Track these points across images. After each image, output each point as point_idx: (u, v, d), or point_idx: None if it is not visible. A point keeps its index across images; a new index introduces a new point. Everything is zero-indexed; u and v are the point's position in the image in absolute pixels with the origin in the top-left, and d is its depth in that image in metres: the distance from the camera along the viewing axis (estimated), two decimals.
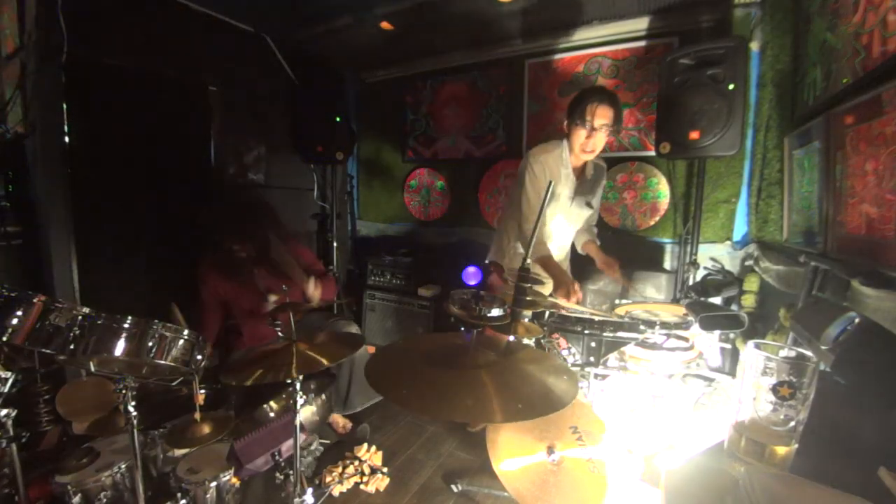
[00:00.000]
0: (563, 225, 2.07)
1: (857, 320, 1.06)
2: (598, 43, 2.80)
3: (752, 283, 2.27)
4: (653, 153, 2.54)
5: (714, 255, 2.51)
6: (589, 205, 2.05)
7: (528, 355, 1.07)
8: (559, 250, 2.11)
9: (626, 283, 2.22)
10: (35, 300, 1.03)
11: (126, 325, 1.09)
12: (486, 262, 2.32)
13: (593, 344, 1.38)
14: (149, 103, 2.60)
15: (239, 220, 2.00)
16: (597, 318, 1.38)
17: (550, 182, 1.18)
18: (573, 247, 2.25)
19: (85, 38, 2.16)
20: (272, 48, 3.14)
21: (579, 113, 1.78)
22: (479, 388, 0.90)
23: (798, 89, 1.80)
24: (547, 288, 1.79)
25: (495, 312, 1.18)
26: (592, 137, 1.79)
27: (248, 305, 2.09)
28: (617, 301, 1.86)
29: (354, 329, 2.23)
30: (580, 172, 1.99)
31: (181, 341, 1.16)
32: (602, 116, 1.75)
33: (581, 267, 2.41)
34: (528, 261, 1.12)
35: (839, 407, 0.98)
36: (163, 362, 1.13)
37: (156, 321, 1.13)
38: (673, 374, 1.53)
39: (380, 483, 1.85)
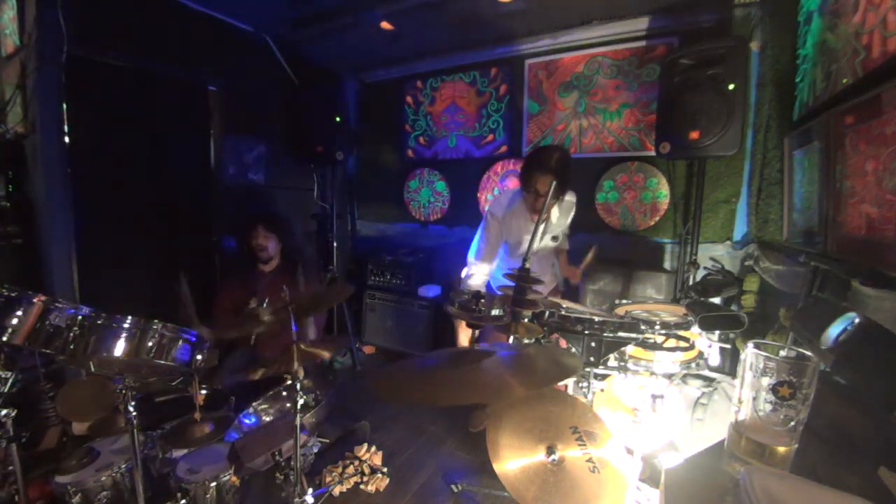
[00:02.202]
0: (533, 260, 2.14)
1: (857, 320, 1.06)
2: (598, 43, 2.80)
3: (752, 283, 2.27)
4: (653, 153, 2.54)
5: (714, 255, 2.51)
6: (554, 238, 2.21)
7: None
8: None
9: (589, 267, 2.28)
10: (35, 300, 1.03)
11: (126, 325, 1.09)
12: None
13: (593, 344, 1.37)
14: (149, 103, 2.61)
15: (266, 215, 2.44)
16: (597, 318, 1.38)
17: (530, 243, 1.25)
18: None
19: (85, 38, 2.17)
20: (272, 48, 3.15)
21: (527, 183, 1.94)
22: (493, 371, 0.94)
23: (798, 89, 1.80)
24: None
25: (495, 312, 1.18)
26: (539, 201, 1.94)
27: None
28: (617, 301, 1.85)
29: None
30: (544, 217, 2.08)
31: (181, 341, 1.16)
32: (544, 185, 1.88)
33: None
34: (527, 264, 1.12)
35: (839, 407, 0.98)
36: (163, 362, 1.13)
37: (156, 321, 1.13)
38: (673, 375, 1.53)
39: (380, 483, 1.85)
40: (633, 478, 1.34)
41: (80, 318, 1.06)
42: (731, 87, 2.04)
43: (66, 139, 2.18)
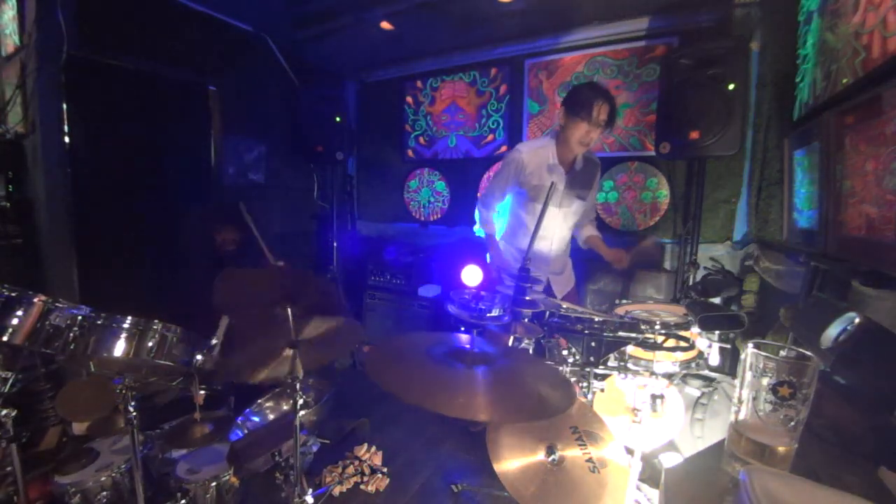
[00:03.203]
0: (556, 217, 2.06)
1: (857, 320, 1.06)
2: (598, 43, 2.80)
3: (752, 283, 2.27)
4: (653, 153, 2.54)
5: (714, 255, 2.51)
6: (580, 197, 2.07)
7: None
8: (555, 243, 2.12)
9: (647, 245, 2.22)
10: (35, 300, 1.03)
11: (126, 325, 1.09)
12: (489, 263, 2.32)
13: (593, 344, 1.37)
14: (149, 103, 2.61)
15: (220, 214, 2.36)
16: (597, 318, 1.38)
17: (553, 184, 1.19)
18: (574, 243, 2.26)
19: (85, 38, 2.16)
20: (272, 48, 3.15)
21: (586, 108, 1.83)
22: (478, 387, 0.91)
23: (798, 89, 1.80)
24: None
25: (495, 312, 1.18)
26: (592, 132, 1.86)
27: None
28: (617, 301, 1.85)
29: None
30: (569, 165, 2.03)
31: (181, 341, 1.16)
32: (604, 113, 1.84)
33: (582, 266, 2.41)
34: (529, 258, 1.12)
35: (839, 407, 0.98)
36: (163, 362, 1.13)
37: (156, 321, 1.13)
38: (673, 375, 1.53)
39: (380, 483, 1.85)
40: (633, 478, 1.34)
41: (80, 318, 1.06)
42: (731, 87, 2.04)
43: (66, 139, 2.18)
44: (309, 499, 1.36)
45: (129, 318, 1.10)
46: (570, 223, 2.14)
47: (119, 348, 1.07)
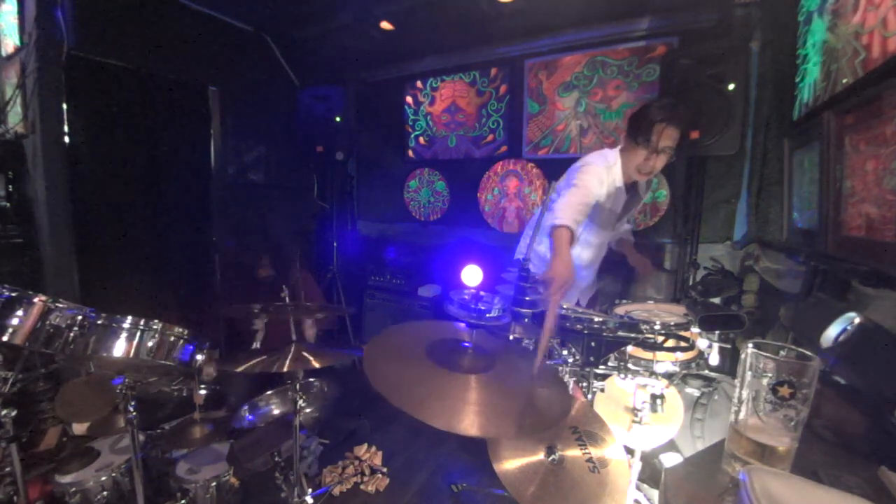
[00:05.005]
0: (604, 237, 1.95)
1: (857, 320, 1.06)
2: (598, 43, 2.80)
3: (752, 283, 2.27)
4: None
5: (714, 255, 2.51)
6: (630, 221, 2.03)
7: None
8: (596, 263, 2.03)
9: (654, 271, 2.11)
10: (35, 300, 1.03)
11: (126, 325, 1.09)
12: (515, 258, 2.30)
13: (593, 344, 1.37)
14: (149, 103, 2.61)
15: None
16: (597, 318, 1.38)
17: (552, 183, 1.19)
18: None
19: (85, 38, 2.17)
20: (272, 48, 3.15)
21: (644, 132, 1.60)
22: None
23: (798, 89, 1.80)
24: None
25: (495, 313, 1.18)
26: (652, 160, 1.62)
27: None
28: (617, 301, 1.85)
29: None
30: (631, 188, 1.86)
31: (181, 342, 1.16)
32: (668, 139, 1.59)
33: None
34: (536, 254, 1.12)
35: (839, 407, 0.98)
36: (163, 362, 1.13)
37: (156, 321, 1.13)
38: (673, 375, 1.53)
39: (380, 483, 1.85)
40: (633, 478, 1.34)
41: (80, 318, 1.06)
42: (731, 87, 2.04)
43: (66, 139, 2.18)
44: (309, 499, 1.37)
45: (129, 318, 1.10)
46: (611, 240, 2.05)
47: (119, 348, 1.07)
